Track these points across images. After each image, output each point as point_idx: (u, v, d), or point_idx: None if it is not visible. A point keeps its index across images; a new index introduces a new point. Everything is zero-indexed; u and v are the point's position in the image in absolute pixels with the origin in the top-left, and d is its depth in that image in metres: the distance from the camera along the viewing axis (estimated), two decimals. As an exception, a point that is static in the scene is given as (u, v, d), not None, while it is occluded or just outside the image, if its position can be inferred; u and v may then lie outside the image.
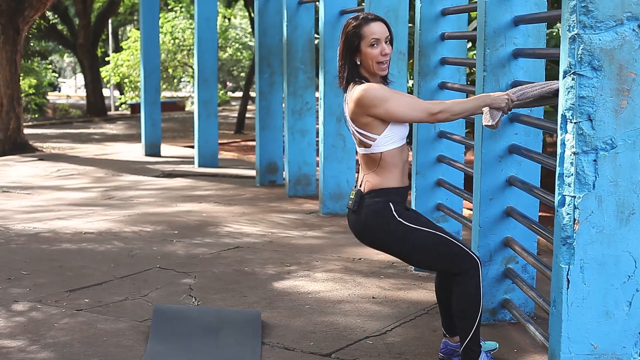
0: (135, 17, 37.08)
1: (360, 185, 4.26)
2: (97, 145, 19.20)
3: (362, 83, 4.14)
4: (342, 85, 4.24)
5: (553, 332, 3.76)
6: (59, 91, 38.10)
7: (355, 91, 4.12)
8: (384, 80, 4.27)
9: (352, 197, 4.26)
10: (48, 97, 34.98)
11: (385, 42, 4.11)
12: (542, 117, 5.07)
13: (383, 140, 4.13)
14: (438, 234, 4.21)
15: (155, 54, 16.20)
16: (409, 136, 4.77)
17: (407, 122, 4.17)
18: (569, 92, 3.54)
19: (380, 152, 4.15)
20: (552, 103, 4.25)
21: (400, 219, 4.17)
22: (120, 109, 32.94)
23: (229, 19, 32.07)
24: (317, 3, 10.16)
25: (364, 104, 4.08)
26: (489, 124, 4.16)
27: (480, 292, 4.22)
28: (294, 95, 10.32)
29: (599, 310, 3.66)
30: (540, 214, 5.41)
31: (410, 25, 8.51)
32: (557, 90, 3.96)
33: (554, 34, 8.51)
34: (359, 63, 4.15)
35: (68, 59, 51.57)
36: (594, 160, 3.55)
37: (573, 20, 3.49)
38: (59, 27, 31.81)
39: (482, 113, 4.19)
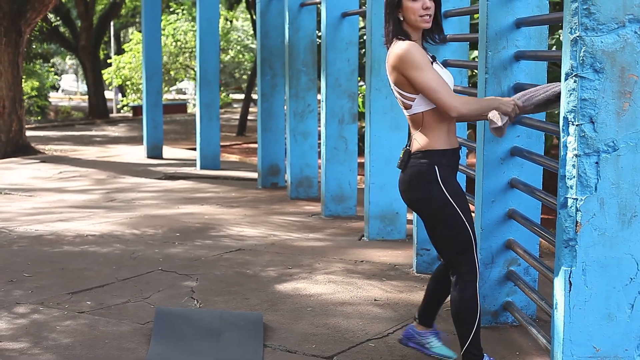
0: (137, 20, 37.12)
1: (409, 145, 4.25)
2: (99, 147, 19.21)
3: (404, 40, 4.13)
4: (387, 44, 4.23)
5: (555, 334, 3.76)
6: (57, 90, 38.11)
7: (396, 48, 4.13)
8: (431, 37, 4.27)
9: (401, 156, 4.26)
10: (50, 100, 35.00)
11: None
12: (544, 120, 5.06)
13: (422, 99, 4.12)
14: (466, 223, 4.17)
15: (157, 56, 16.22)
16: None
17: (427, 97, 4.10)
18: (570, 94, 3.54)
19: (422, 112, 4.14)
20: (558, 107, 4.25)
21: (442, 186, 4.14)
22: (122, 111, 32.96)
23: (231, 22, 32.06)
24: (319, 5, 10.16)
25: (401, 62, 4.08)
26: (496, 127, 4.12)
27: (476, 298, 4.19)
28: (296, 97, 10.32)
29: (601, 312, 3.66)
30: (542, 216, 5.41)
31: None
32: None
33: (554, 40, 8.51)
34: (402, 19, 4.15)
35: (70, 61, 51.62)
36: (596, 163, 3.54)
37: (575, 23, 3.49)
38: (61, 29, 31.85)
39: (488, 119, 4.16)
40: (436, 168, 4.13)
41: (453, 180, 4.20)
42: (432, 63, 4.12)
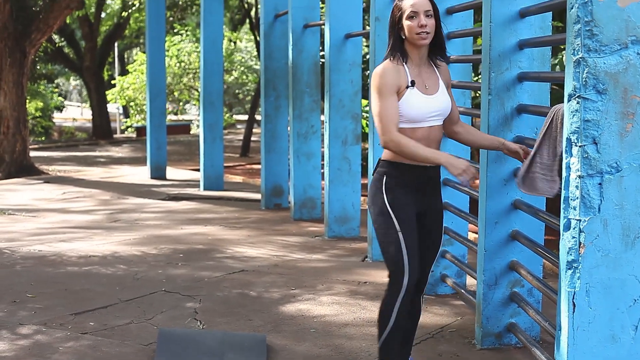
0: (141, 40, 37.22)
1: None
2: (103, 168, 19.24)
3: (387, 60, 4.27)
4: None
5: (559, 356, 3.75)
6: (61, 111, 38.22)
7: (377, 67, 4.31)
8: (433, 59, 4.35)
9: None
10: (54, 120, 35.07)
11: (426, 16, 4.19)
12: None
13: None
14: (400, 235, 4.23)
15: (161, 77, 16.26)
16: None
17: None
18: (574, 115, 3.54)
19: None
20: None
21: (384, 195, 4.28)
22: (126, 132, 33.02)
23: (235, 43, 32.18)
24: (323, 27, 10.20)
25: (371, 81, 4.30)
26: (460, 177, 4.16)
27: (390, 311, 4.25)
28: (300, 118, 10.34)
29: (605, 334, 3.65)
30: (545, 237, 5.41)
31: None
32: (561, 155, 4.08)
33: (557, 61, 8.53)
34: (404, 37, 4.25)
35: (74, 82, 51.75)
36: (599, 184, 3.54)
37: (578, 44, 3.50)
38: (66, 50, 31.94)
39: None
40: (385, 177, 4.30)
41: (399, 194, 4.29)
42: (407, 87, 4.21)
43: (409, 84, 4.21)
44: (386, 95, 4.19)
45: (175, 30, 28.97)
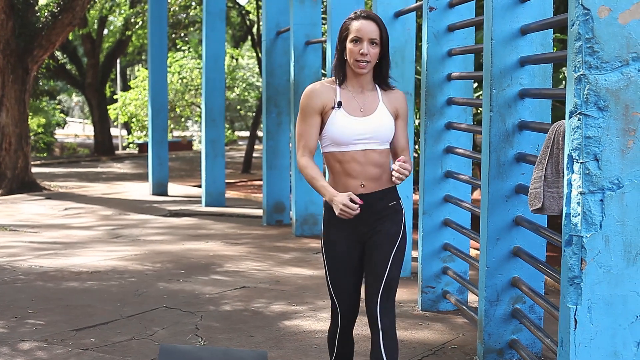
0: (143, 57, 37.32)
1: None
2: (105, 184, 19.25)
3: (332, 80, 4.10)
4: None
5: (561, 372, 3.74)
6: (62, 128, 38.33)
7: None
8: (380, 82, 4.12)
9: None
10: (56, 136, 35.13)
11: (371, 43, 3.99)
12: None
13: (322, 140, 4.11)
14: (327, 272, 4.21)
15: (163, 94, 16.29)
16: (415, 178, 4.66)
17: None
18: (575, 132, 3.55)
19: (323, 153, 4.14)
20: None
21: (322, 231, 4.25)
22: (129, 148, 33.04)
23: (237, 59, 32.22)
24: (324, 44, 10.23)
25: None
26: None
27: (332, 342, 4.27)
28: (301, 134, 10.33)
29: (607, 350, 3.64)
30: (547, 253, 5.41)
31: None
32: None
33: (560, 77, 8.55)
34: (346, 58, 4.06)
35: (76, 98, 51.83)
36: (601, 200, 3.55)
37: (579, 61, 3.51)
38: (68, 66, 32.00)
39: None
40: (324, 209, 4.20)
41: (334, 228, 4.16)
42: (333, 108, 4.02)
43: (335, 105, 4.02)
44: (306, 117, 4.04)
45: (178, 47, 29.03)
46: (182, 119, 28.58)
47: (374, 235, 4.07)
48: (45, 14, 17.16)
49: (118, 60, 34.29)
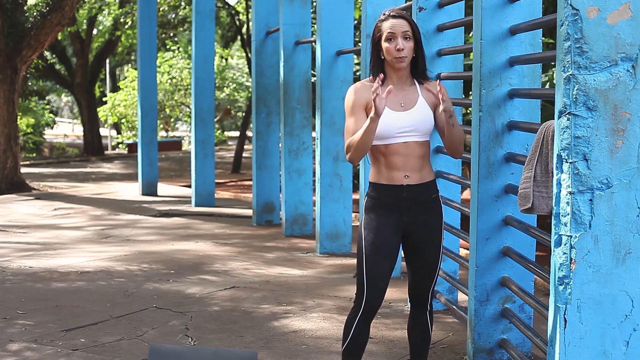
0: (133, 57, 37.26)
1: None
2: (94, 184, 19.21)
3: (361, 81, 4.36)
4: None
5: (550, 372, 3.75)
6: (52, 128, 38.26)
7: None
8: (417, 75, 4.31)
9: None
10: (45, 136, 35.05)
11: (404, 38, 4.19)
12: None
13: None
14: (364, 255, 4.27)
15: (152, 94, 16.27)
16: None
17: None
18: (564, 132, 3.56)
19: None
20: None
21: (363, 215, 4.36)
22: (118, 148, 32.99)
23: (227, 59, 32.21)
24: (314, 44, 10.23)
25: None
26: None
27: (350, 328, 4.35)
28: (291, 135, 10.36)
29: (596, 350, 3.65)
30: (537, 253, 5.42)
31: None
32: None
33: (547, 77, 8.58)
34: (383, 58, 4.28)
35: (65, 98, 51.72)
36: (590, 200, 3.55)
37: (568, 61, 3.52)
38: (57, 66, 31.94)
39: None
40: (366, 198, 4.36)
41: (376, 215, 4.31)
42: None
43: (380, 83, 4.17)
44: (353, 112, 4.25)
45: (167, 47, 29.01)
46: (172, 119, 28.57)
47: (419, 227, 4.32)
48: (34, 13, 17.10)
49: (107, 60, 34.24)
